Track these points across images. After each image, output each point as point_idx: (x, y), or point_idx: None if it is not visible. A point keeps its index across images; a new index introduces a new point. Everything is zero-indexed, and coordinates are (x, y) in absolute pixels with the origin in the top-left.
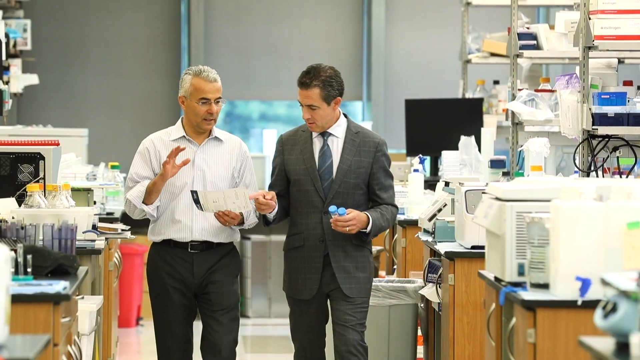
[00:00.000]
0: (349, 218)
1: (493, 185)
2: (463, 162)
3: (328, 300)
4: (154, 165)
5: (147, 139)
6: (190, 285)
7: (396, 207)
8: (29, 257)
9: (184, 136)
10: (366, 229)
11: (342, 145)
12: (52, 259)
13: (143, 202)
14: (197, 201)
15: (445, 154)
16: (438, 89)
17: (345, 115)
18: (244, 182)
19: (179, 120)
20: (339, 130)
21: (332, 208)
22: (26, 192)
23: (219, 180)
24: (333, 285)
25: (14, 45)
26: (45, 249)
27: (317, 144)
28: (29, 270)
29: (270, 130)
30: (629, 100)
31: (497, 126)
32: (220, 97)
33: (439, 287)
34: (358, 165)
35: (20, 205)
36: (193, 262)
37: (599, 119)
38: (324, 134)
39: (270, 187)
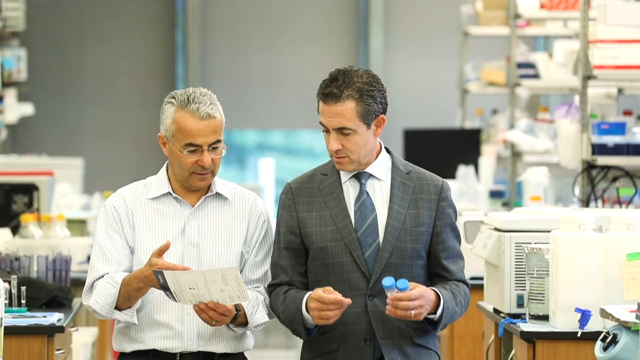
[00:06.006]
0: (415, 295)
1: (492, 215)
2: (462, 192)
3: None
4: (128, 234)
5: (114, 194)
6: None
7: (468, 285)
8: (23, 288)
9: (169, 193)
10: (435, 313)
11: (389, 192)
12: (46, 290)
13: (116, 308)
14: (165, 287)
15: None
16: (436, 119)
17: (387, 150)
18: (255, 258)
19: (164, 167)
20: (381, 169)
21: (386, 280)
22: (20, 222)
23: (220, 259)
24: None
25: (9, 75)
26: (40, 280)
27: (350, 191)
28: (23, 302)
29: (267, 160)
30: (628, 131)
31: (497, 156)
32: (218, 141)
33: None
34: (415, 221)
35: (14, 236)
36: None
37: (599, 149)
38: (360, 176)
39: (274, 266)
